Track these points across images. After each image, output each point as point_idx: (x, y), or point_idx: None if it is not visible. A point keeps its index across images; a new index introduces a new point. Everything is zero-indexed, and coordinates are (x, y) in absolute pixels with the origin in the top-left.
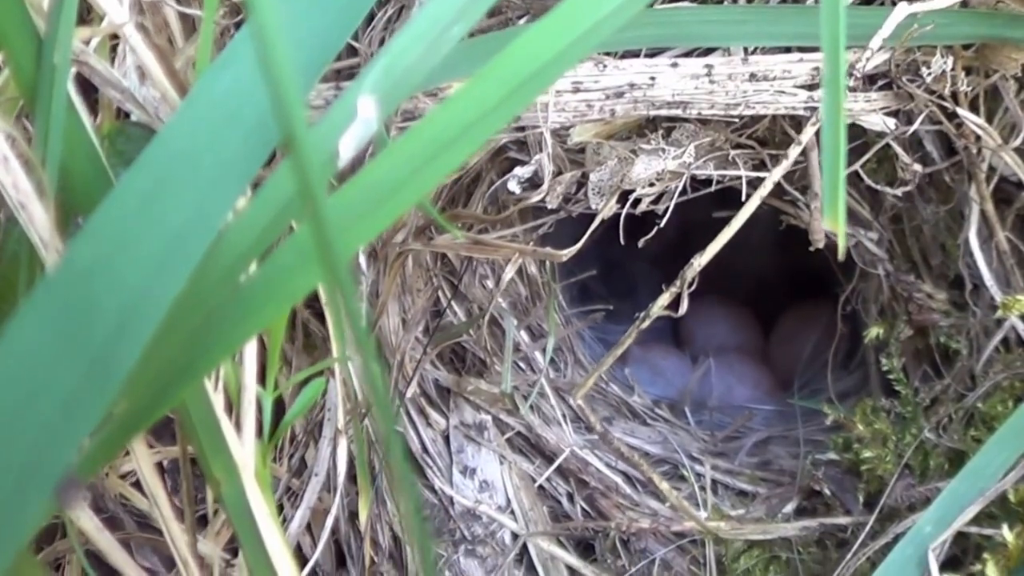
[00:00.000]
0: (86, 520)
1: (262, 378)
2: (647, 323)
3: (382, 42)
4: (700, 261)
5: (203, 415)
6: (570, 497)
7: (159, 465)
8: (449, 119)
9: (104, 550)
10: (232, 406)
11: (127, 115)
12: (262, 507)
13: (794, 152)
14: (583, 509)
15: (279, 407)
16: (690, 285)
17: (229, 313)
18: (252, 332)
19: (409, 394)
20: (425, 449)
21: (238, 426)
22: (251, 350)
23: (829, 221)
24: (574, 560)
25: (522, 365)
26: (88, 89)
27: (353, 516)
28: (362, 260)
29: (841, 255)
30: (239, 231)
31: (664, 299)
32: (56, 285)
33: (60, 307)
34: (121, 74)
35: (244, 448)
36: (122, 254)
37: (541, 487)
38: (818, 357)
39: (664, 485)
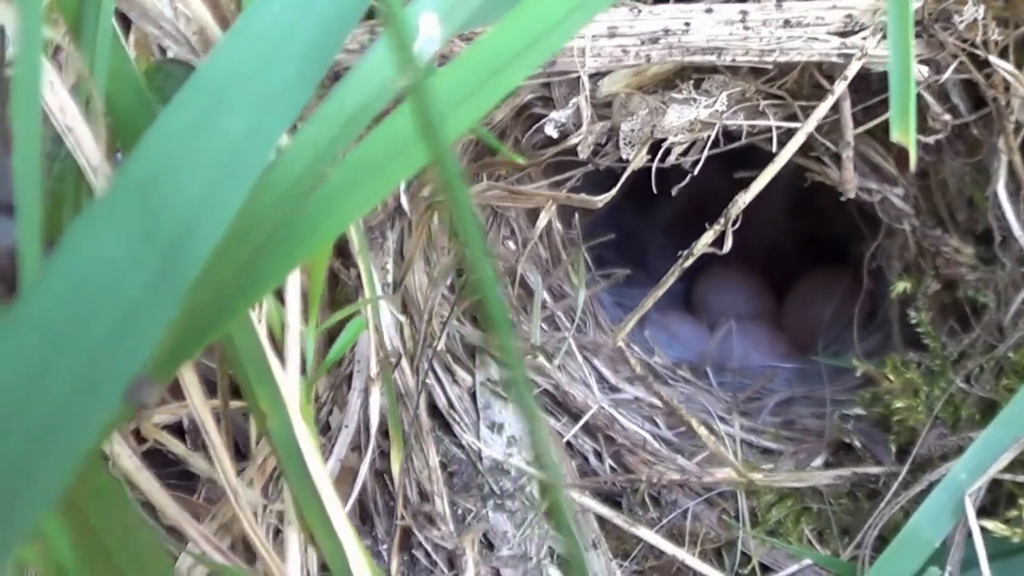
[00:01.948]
0: (126, 459)
1: (304, 317)
2: (689, 262)
3: None
4: (744, 199)
5: (250, 347)
6: (597, 454)
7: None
8: (507, 38)
9: (145, 489)
10: (275, 341)
11: (163, 53)
12: (308, 440)
13: (839, 86)
14: (611, 466)
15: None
16: (734, 223)
17: (305, 217)
18: (341, 225)
19: (440, 347)
20: (452, 405)
21: (282, 360)
22: (294, 286)
23: (899, 133)
24: (605, 510)
25: (545, 326)
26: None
27: (378, 474)
28: (404, 200)
29: (912, 166)
30: (298, 150)
31: (709, 236)
32: (119, 192)
33: (126, 209)
34: (160, 8)
35: (289, 381)
36: (180, 166)
37: (568, 444)
38: (839, 319)
39: (702, 430)
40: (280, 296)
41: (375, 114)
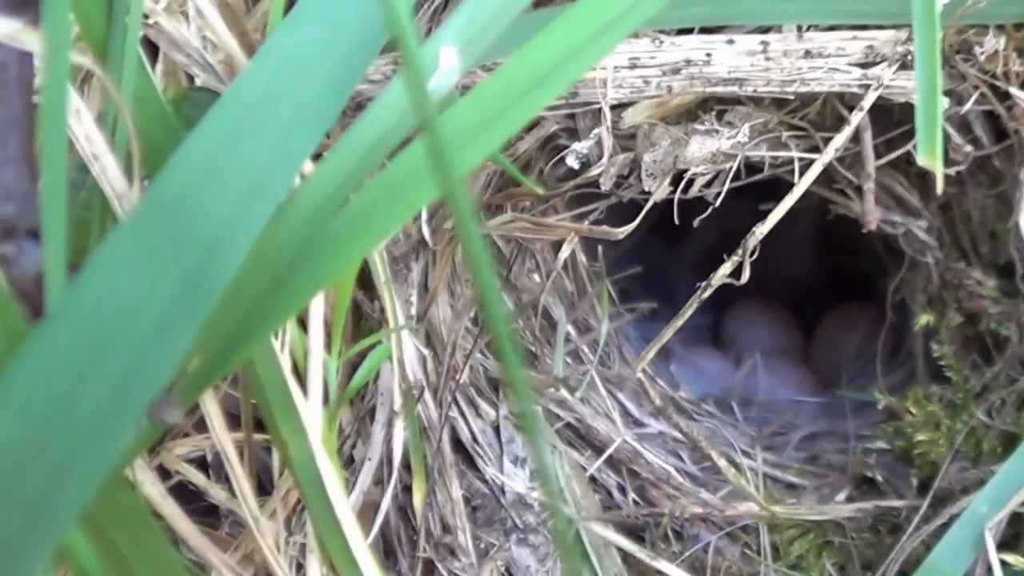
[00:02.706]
0: (150, 486)
1: (327, 346)
2: (708, 292)
3: (428, 32)
4: (762, 230)
5: (272, 376)
6: (620, 488)
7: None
8: (526, 67)
9: (168, 517)
10: (298, 371)
11: (187, 81)
12: (330, 470)
13: (856, 117)
14: (634, 500)
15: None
16: (752, 254)
17: (327, 241)
18: (362, 252)
19: (463, 380)
20: (475, 439)
21: (304, 389)
22: (317, 314)
23: (926, 157)
24: (629, 544)
25: (569, 359)
26: (151, 55)
27: (400, 508)
28: (425, 231)
29: (939, 189)
30: (319, 179)
31: (727, 267)
32: (147, 211)
33: (151, 232)
34: (188, 37)
35: (311, 410)
36: (205, 190)
37: (592, 478)
38: (863, 354)
39: (723, 462)
40: (303, 325)
41: (397, 142)
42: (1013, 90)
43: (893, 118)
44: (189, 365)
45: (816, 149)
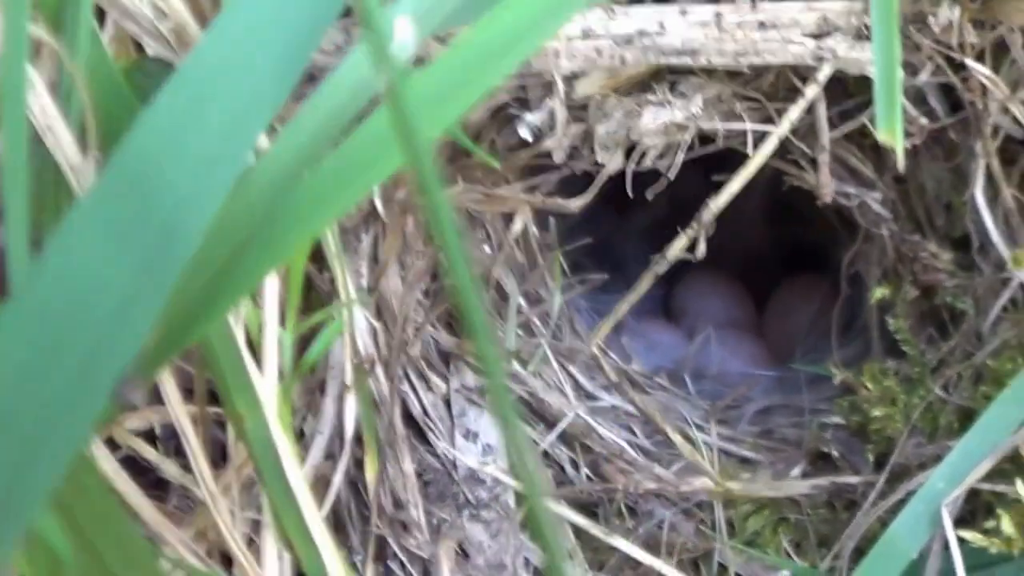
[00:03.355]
0: (104, 461)
1: (281, 320)
2: (664, 267)
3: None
4: (717, 203)
5: (227, 350)
6: (573, 463)
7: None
8: (487, 37)
9: (123, 492)
10: (252, 345)
11: (140, 51)
12: (284, 443)
13: (811, 90)
14: (587, 475)
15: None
16: (708, 228)
17: (287, 214)
18: (321, 225)
19: (413, 353)
20: (426, 412)
21: (259, 363)
22: (272, 288)
23: (886, 134)
24: (582, 520)
25: (521, 332)
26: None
27: (352, 483)
28: (377, 202)
29: (900, 165)
30: (285, 143)
31: (682, 241)
32: (107, 187)
33: (113, 208)
34: (140, 5)
35: (266, 384)
36: (163, 167)
37: (544, 452)
38: (817, 328)
39: (677, 437)
40: (256, 299)
41: (354, 115)
42: (968, 61)
43: (847, 89)
44: (148, 341)
45: (770, 120)
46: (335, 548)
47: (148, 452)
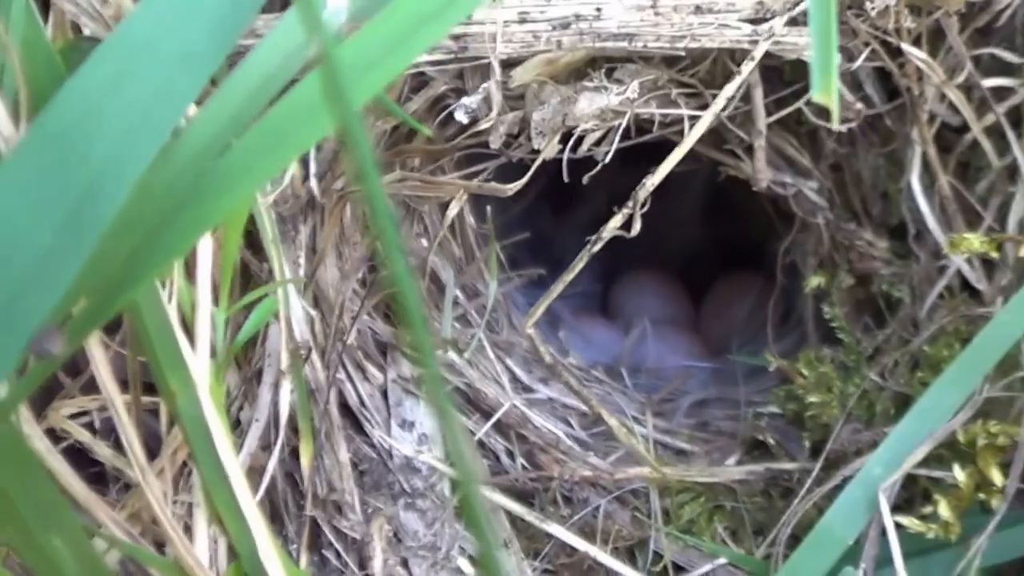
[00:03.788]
0: (37, 441)
1: (215, 300)
2: (598, 246)
3: None
4: (652, 181)
5: (159, 326)
6: (509, 453)
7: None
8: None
9: (55, 471)
10: (186, 325)
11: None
12: (217, 422)
13: (747, 68)
14: (522, 464)
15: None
16: (642, 206)
17: (214, 180)
18: (249, 191)
19: (349, 341)
20: (363, 403)
21: (192, 342)
22: (205, 265)
23: (822, 94)
24: (517, 507)
25: (458, 324)
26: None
27: (287, 474)
28: (314, 187)
29: (835, 125)
30: (207, 116)
31: (617, 220)
32: (28, 149)
33: (35, 167)
34: None
35: (199, 361)
36: (89, 127)
37: (480, 442)
38: (752, 323)
39: (613, 422)
40: (192, 278)
41: (283, 83)
42: (905, 46)
43: (783, 77)
44: (75, 307)
45: (706, 107)
46: (266, 524)
47: (83, 435)
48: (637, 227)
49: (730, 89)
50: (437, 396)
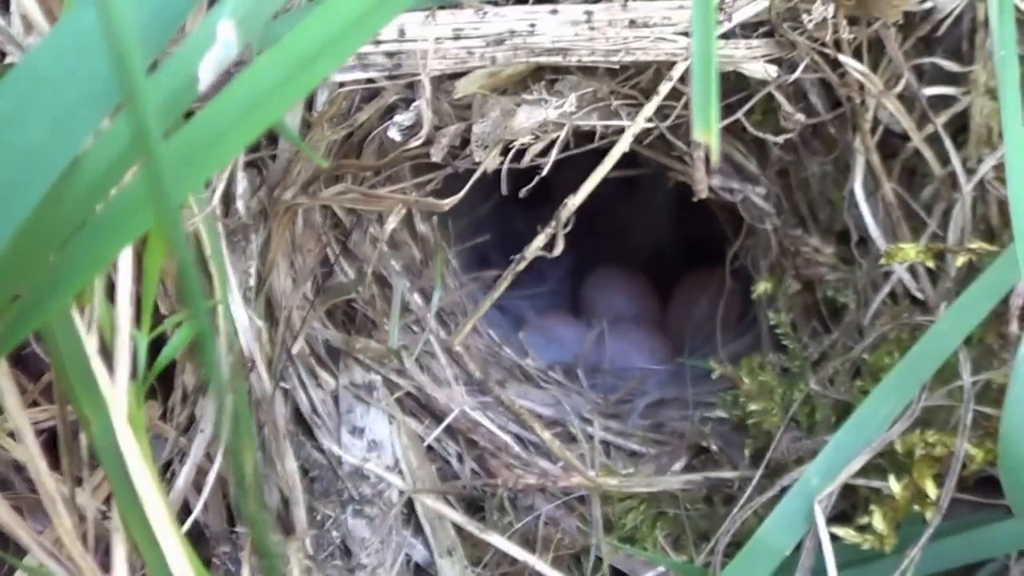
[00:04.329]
0: None
1: (137, 321)
2: (522, 265)
3: None
4: (574, 201)
5: (72, 352)
6: (459, 457)
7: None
8: (307, 38)
9: None
10: (107, 348)
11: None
12: (134, 448)
13: (665, 87)
14: (472, 469)
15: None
16: (565, 226)
17: (83, 242)
18: (100, 266)
19: (295, 351)
20: (314, 409)
21: (110, 366)
22: (125, 289)
23: (701, 132)
24: (459, 517)
25: (415, 328)
26: None
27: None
28: (240, 206)
29: (715, 164)
30: (94, 160)
31: (540, 240)
32: None
33: None
34: (6, 21)
35: (116, 387)
36: None
37: (430, 447)
38: (710, 321)
39: (546, 434)
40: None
41: (182, 111)
42: (842, 57)
43: (728, 85)
44: None
45: (648, 118)
46: (185, 552)
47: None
48: (560, 247)
49: (650, 108)
50: None
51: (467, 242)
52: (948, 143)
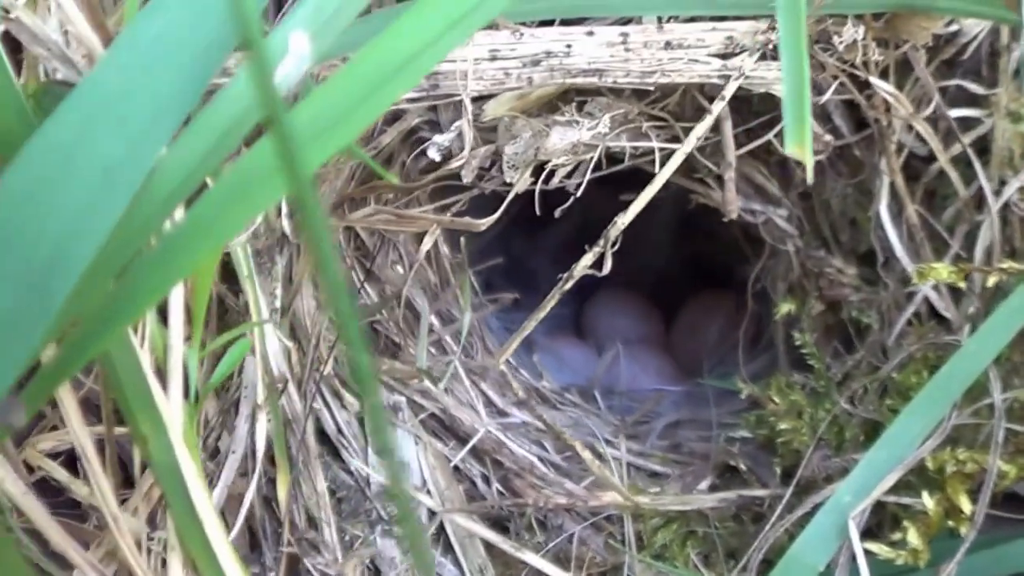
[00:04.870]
0: (10, 484)
1: (189, 340)
2: (570, 284)
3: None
4: (623, 220)
5: (130, 371)
6: (485, 478)
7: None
8: (383, 55)
9: (30, 514)
10: (160, 369)
11: (48, 76)
12: (190, 465)
13: (717, 107)
14: (498, 490)
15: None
16: (613, 244)
17: (176, 239)
18: (204, 253)
19: (325, 373)
20: (340, 431)
21: (164, 385)
22: (177, 309)
23: (794, 147)
24: (492, 535)
25: (433, 350)
26: (14, 50)
27: (266, 500)
28: (285, 224)
29: (809, 179)
30: (170, 169)
31: (588, 258)
32: None
33: None
34: (48, 31)
35: (171, 406)
36: (56, 185)
37: (456, 468)
38: (723, 343)
39: (586, 453)
40: (165, 320)
41: (248, 131)
42: (873, 79)
43: (752, 108)
44: (44, 358)
45: (677, 139)
46: (242, 569)
47: (60, 474)
48: (608, 266)
49: (700, 130)
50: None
51: (476, 264)
52: (977, 164)
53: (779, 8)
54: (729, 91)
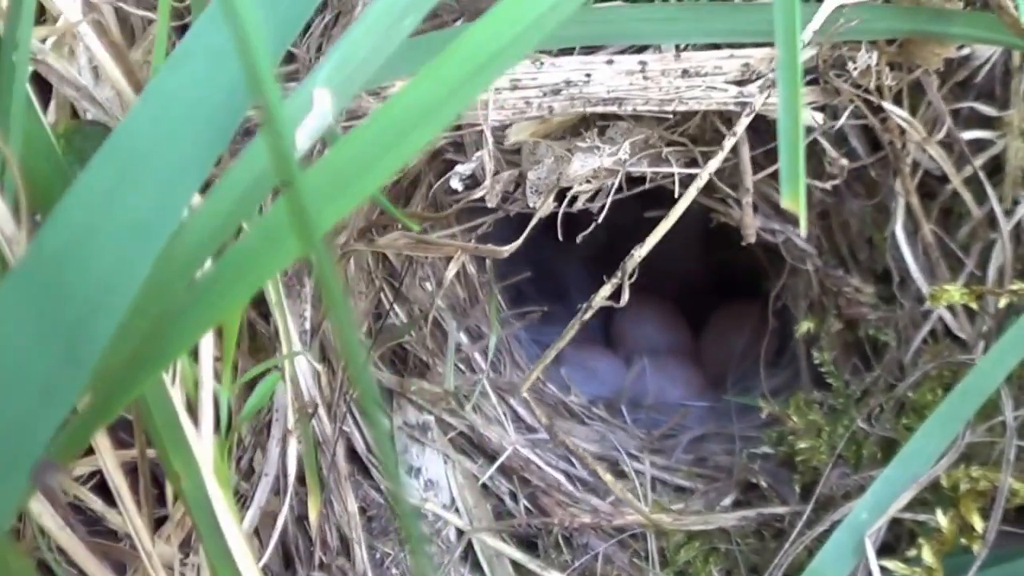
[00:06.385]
0: (48, 518)
1: (218, 376)
2: (589, 314)
3: (320, 48)
4: (640, 252)
5: (163, 410)
6: (512, 496)
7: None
8: (403, 108)
9: (65, 546)
10: (190, 403)
11: (76, 115)
12: (221, 501)
13: (729, 143)
14: (526, 507)
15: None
16: (630, 276)
17: (198, 296)
18: (224, 311)
19: (354, 396)
20: (370, 450)
21: (196, 422)
22: (207, 346)
23: (789, 201)
24: (519, 555)
25: (462, 367)
26: (42, 90)
27: (300, 519)
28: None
29: (803, 233)
30: (200, 221)
31: (606, 290)
32: (27, 271)
33: (32, 292)
34: (76, 72)
35: (203, 443)
36: (89, 242)
37: (484, 486)
38: (748, 355)
39: (608, 477)
40: (195, 355)
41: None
42: (886, 104)
43: (771, 129)
44: (79, 405)
45: (696, 163)
46: None
47: (95, 503)
48: (626, 297)
49: (715, 163)
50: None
51: (505, 278)
52: (988, 186)
53: (778, 73)
54: (741, 126)
